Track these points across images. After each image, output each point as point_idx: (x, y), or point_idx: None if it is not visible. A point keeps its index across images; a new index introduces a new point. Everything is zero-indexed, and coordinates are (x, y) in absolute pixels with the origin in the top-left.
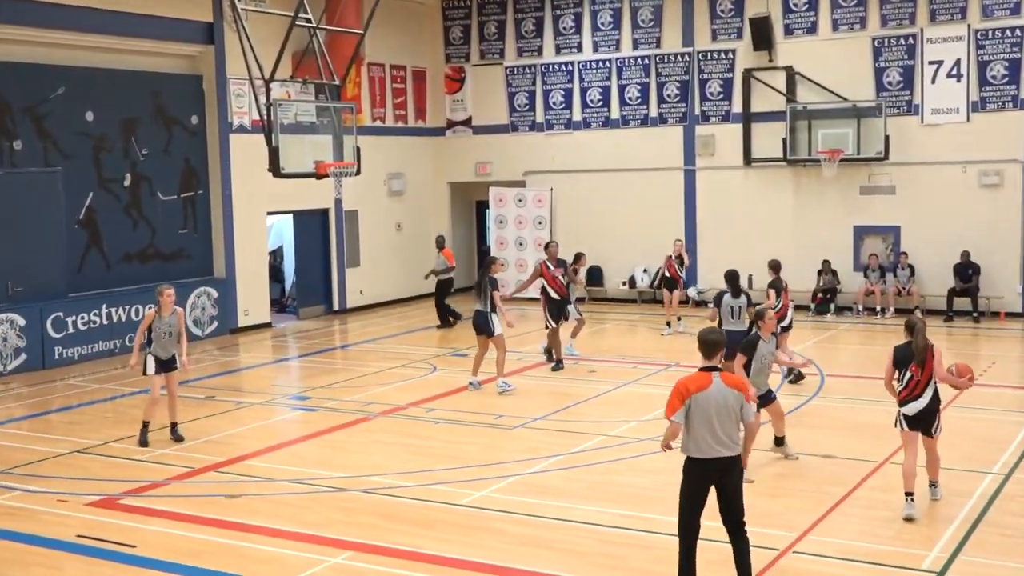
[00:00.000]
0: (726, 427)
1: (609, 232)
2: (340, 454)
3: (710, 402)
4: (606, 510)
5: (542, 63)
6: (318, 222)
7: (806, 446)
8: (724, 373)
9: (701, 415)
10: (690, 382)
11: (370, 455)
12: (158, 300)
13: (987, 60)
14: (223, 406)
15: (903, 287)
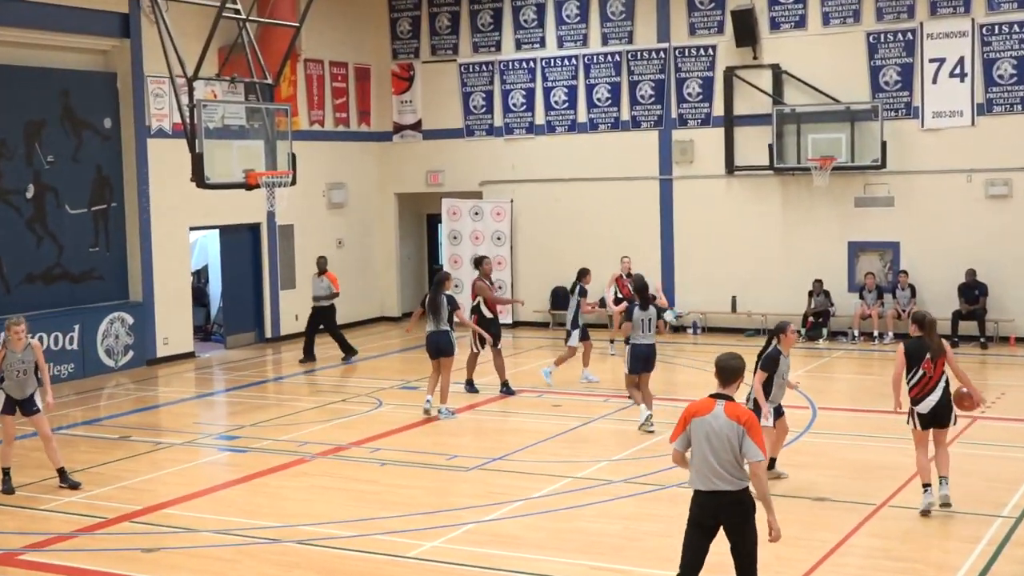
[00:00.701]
0: (721, 460)
1: (576, 249)
2: (273, 501)
3: (706, 430)
4: (574, 561)
5: (501, 60)
6: (248, 239)
7: (797, 488)
8: (731, 403)
9: (696, 443)
10: (693, 405)
11: (307, 502)
12: (6, 335)
13: (993, 58)
14: (139, 447)
15: (903, 309)
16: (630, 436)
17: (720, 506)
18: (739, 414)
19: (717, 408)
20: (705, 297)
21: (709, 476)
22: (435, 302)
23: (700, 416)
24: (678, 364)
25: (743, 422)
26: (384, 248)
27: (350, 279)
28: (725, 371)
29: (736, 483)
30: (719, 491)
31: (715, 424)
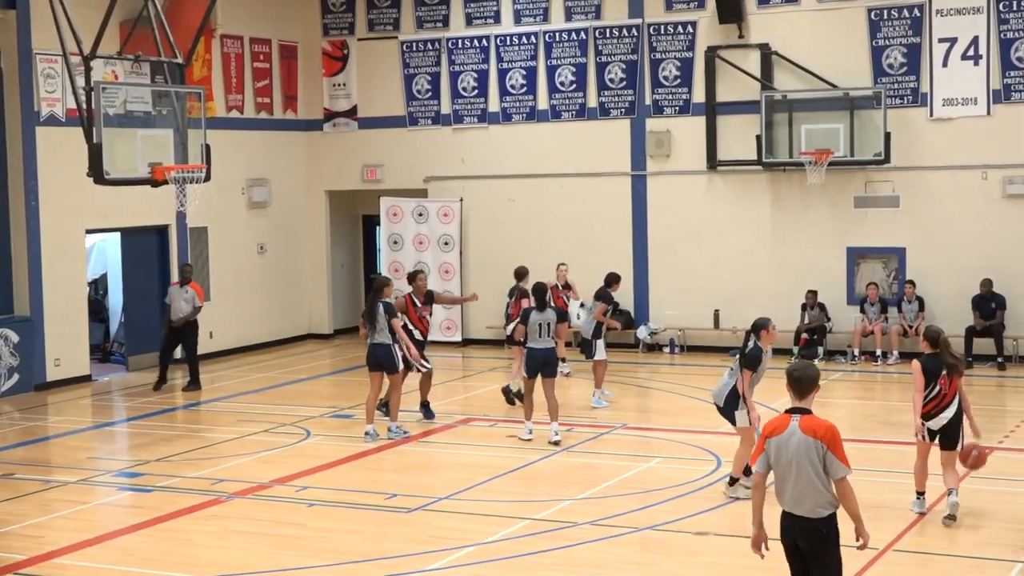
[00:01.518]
0: (801, 483)
1: (535, 256)
2: (183, 548)
3: (784, 450)
4: None
5: (448, 37)
6: (154, 243)
7: None
8: (807, 417)
9: (775, 464)
10: (770, 423)
11: (223, 549)
12: None
13: (1012, 38)
14: (26, 486)
15: (909, 325)
16: (596, 472)
17: (800, 531)
18: (815, 428)
19: (792, 424)
20: (684, 311)
21: (793, 498)
22: (371, 311)
23: (776, 435)
24: (653, 388)
25: (821, 436)
26: (313, 255)
27: (273, 290)
28: (801, 381)
29: (815, 511)
30: (799, 517)
31: (791, 443)
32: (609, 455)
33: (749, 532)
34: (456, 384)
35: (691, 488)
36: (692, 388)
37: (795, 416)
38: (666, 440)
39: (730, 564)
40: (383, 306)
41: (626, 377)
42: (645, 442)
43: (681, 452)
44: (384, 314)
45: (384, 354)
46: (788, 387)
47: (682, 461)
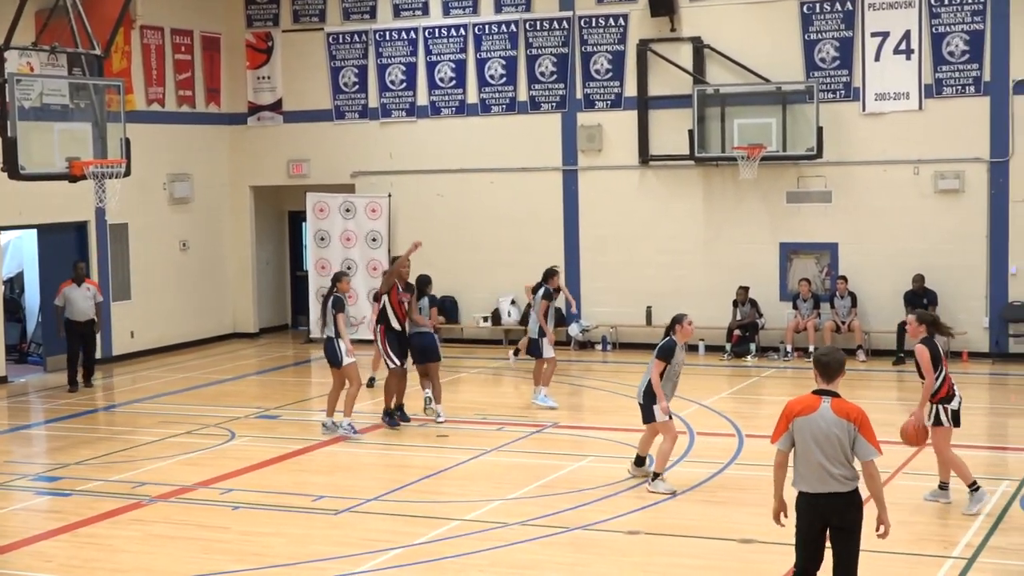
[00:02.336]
0: (831, 460)
1: (465, 252)
2: (103, 554)
3: (812, 429)
4: None
5: (376, 29)
6: (72, 240)
7: (720, 529)
8: (837, 400)
9: (801, 443)
10: (796, 403)
11: (145, 554)
12: None
13: (944, 32)
14: None
15: (842, 321)
16: (527, 471)
17: (832, 509)
18: (848, 411)
19: (823, 406)
20: (616, 308)
21: (822, 477)
22: (324, 305)
23: (805, 415)
24: (586, 386)
25: (854, 419)
26: (237, 252)
27: (196, 288)
28: (829, 366)
29: (847, 484)
30: (831, 493)
31: (823, 424)
32: (541, 454)
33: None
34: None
35: (623, 487)
36: (624, 386)
37: (825, 398)
38: (598, 439)
39: (662, 563)
40: (334, 301)
41: (558, 375)
42: (577, 441)
43: (613, 451)
44: (332, 308)
45: (328, 349)
46: (816, 371)
47: (614, 460)
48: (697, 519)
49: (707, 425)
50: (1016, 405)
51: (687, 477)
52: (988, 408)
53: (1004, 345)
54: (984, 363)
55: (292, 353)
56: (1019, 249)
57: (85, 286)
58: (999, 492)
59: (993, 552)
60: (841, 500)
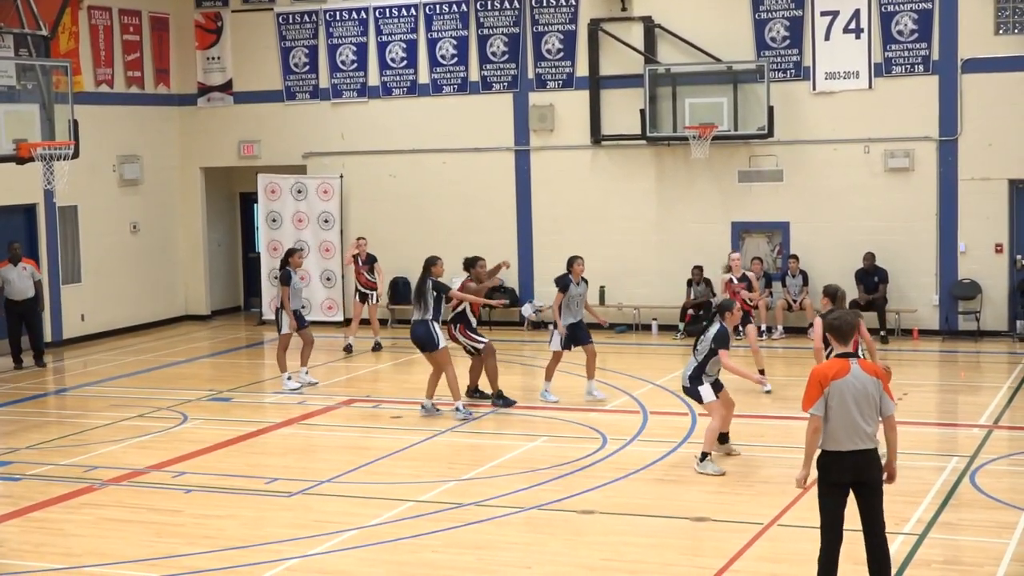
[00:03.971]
0: (867, 418)
1: (418, 232)
2: (55, 538)
3: (850, 390)
4: None
5: (326, 9)
6: (20, 223)
7: (673, 508)
8: (862, 360)
9: (840, 405)
10: (828, 368)
11: (97, 538)
12: None
13: (892, 11)
14: None
15: (794, 300)
16: (481, 452)
17: (865, 464)
18: (875, 369)
19: (854, 367)
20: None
21: (855, 437)
22: (421, 289)
23: (840, 378)
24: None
25: (880, 375)
26: (189, 233)
27: (147, 271)
28: (842, 329)
29: (873, 441)
30: (863, 450)
31: (857, 383)
32: (494, 435)
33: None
34: (339, 364)
35: (577, 467)
36: (577, 366)
37: (852, 360)
38: (551, 419)
39: (616, 543)
40: (434, 285)
41: (511, 355)
42: (530, 421)
43: (567, 431)
44: (433, 292)
45: (423, 332)
46: (831, 336)
47: (568, 440)
48: (650, 498)
49: (660, 404)
50: (965, 382)
51: (641, 456)
52: (938, 385)
53: (954, 322)
54: (934, 340)
55: (244, 335)
56: (968, 227)
57: (22, 265)
58: (948, 468)
59: (943, 528)
60: (869, 456)
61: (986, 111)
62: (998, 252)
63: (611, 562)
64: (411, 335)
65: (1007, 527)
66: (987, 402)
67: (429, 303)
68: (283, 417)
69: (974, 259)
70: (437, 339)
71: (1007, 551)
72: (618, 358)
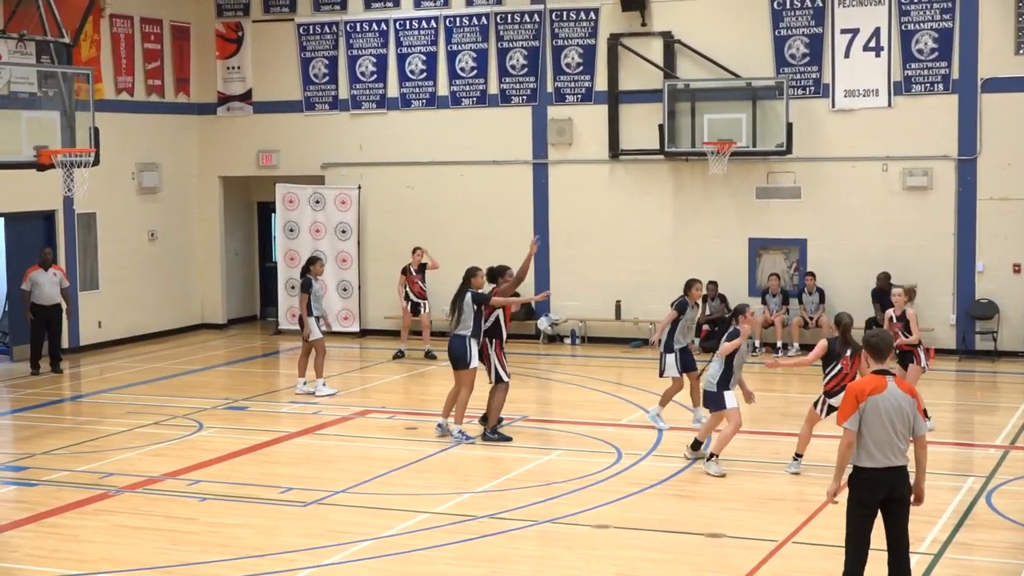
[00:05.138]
0: (901, 436)
1: (435, 245)
2: (69, 544)
3: (886, 407)
4: None
5: (346, 20)
6: (40, 229)
7: (688, 523)
8: (898, 379)
9: (875, 420)
10: (865, 384)
11: (111, 545)
12: None
13: (913, 30)
14: None
15: (810, 316)
16: (496, 465)
17: (896, 480)
18: (910, 388)
19: (891, 385)
20: (585, 302)
21: (889, 453)
22: (458, 302)
23: (877, 394)
24: (554, 380)
25: (914, 395)
26: (206, 242)
27: (164, 279)
28: (879, 347)
29: (905, 458)
30: (896, 466)
31: (893, 401)
32: (509, 448)
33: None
34: (354, 375)
35: (591, 481)
36: (593, 380)
37: (889, 377)
38: (567, 432)
39: (630, 557)
40: (474, 296)
41: (527, 368)
42: (545, 434)
43: (582, 444)
44: (472, 304)
45: (458, 346)
46: (868, 353)
47: (583, 453)
48: (665, 513)
49: (675, 420)
50: (982, 402)
51: (656, 471)
52: (954, 405)
53: (971, 342)
54: (951, 360)
55: (260, 344)
56: (986, 247)
57: (52, 271)
58: (965, 488)
59: (959, 548)
60: (902, 473)
61: (1005, 131)
62: (1016, 272)
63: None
64: (448, 348)
65: (1021, 548)
66: (1004, 422)
67: (468, 317)
68: (298, 427)
69: (992, 279)
70: (469, 358)
71: (1022, 572)
72: (634, 373)
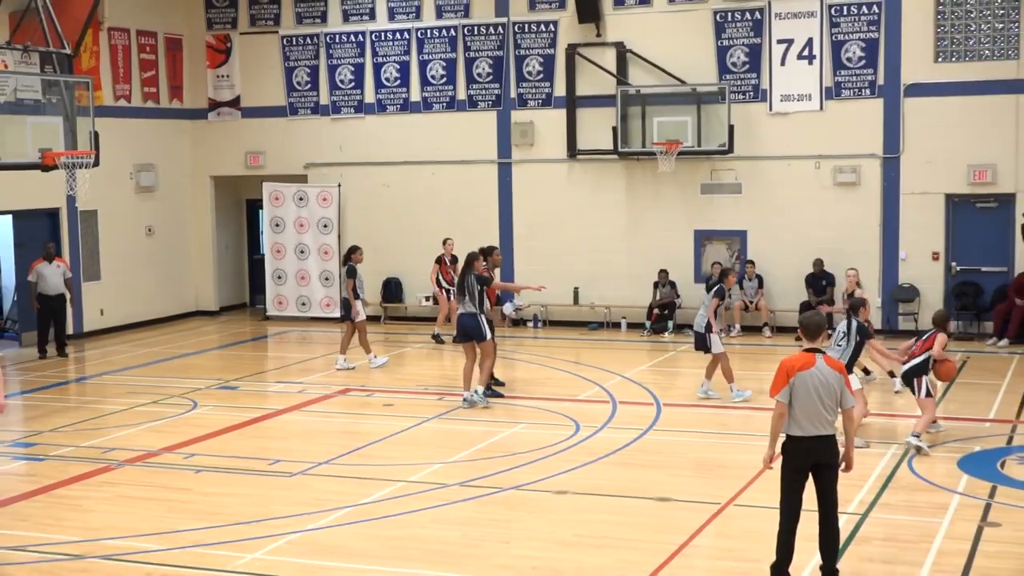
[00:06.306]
0: (828, 407)
1: (409, 237)
2: (74, 513)
3: (814, 381)
4: (407, 571)
5: (326, 32)
6: (45, 225)
7: (640, 488)
8: (827, 356)
9: (804, 393)
10: (795, 361)
11: (113, 513)
12: None
13: (842, 40)
14: None
15: (750, 301)
16: (466, 437)
17: (824, 448)
18: (838, 365)
19: (819, 361)
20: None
21: (817, 423)
22: (464, 283)
23: (805, 370)
24: (518, 360)
25: (841, 371)
26: (199, 236)
27: (161, 270)
28: (810, 327)
29: (832, 428)
30: (823, 435)
31: (821, 376)
32: (477, 421)
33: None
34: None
35: (552, 451)
36: (554, 360)
37: (818, 355)
38: (530, 407)
39: (588, 520)
40: (477, 279)
41: None
42: (511, 409)
43: (543, 418)
44: (476, 285)
45: (471, 324)
46: (801, 332)
47: (544, 426)
48: (619, 480)
49: (628, 395)
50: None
51: (610, 442)
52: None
53: (895, 322)
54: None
55: (250, 329)
56: (908, 237)
57: (55, 263)
58: (888, 454)
59: (883, 508)
60: (829, 441)
61: (926, 132)
62: (935, 260)
63: (583, 538)
64: (459, 325)
65: (941, 508)
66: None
67: (476, 297)
68: (285, 404)
69: (913, 266)
70: (485, 331)
71: (940, 529)
72: (590, 353)
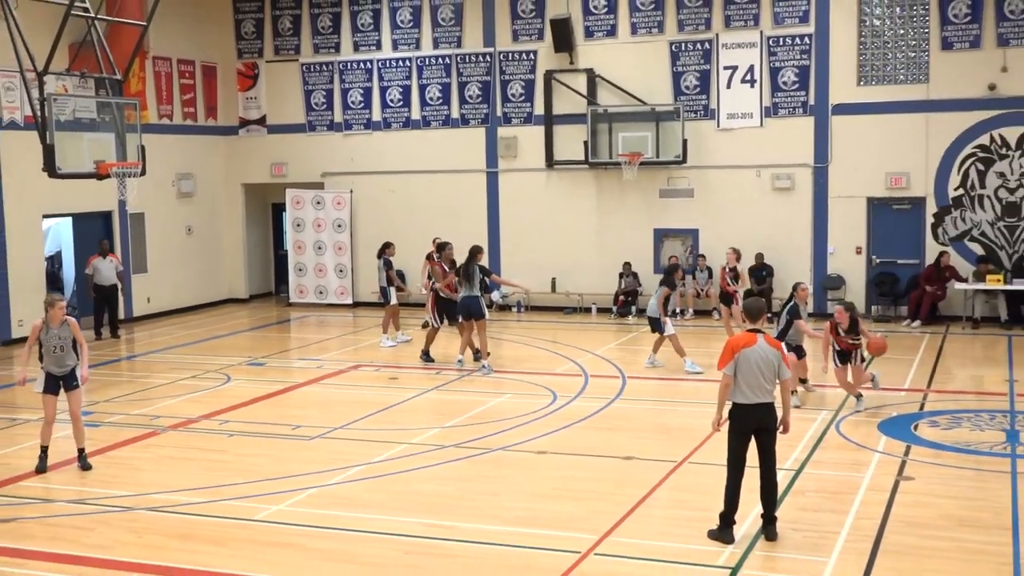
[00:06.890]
0: (767, 379)
1: (412, 235)
2: (126, 472)
3: (755, 357)
4: (409, 520)
5: (340, 60)
6: (100, 226)
7: (607, 448)
8: (766, 335)
9: (747, 367)
10: (739, 340)
11: (159, 472)
12: (47, 311)
13: (779, 67)
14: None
15: (702, 289)
16: (459, 405)
17: (764, 414)
18: (776, 344)
19: (760, 340)
20: (528, 279)
21: (758, 392)
22: (468, 271)
23: (748, 347)
24: (504, 339)
25: (778, 348)
26: (232, 235)
27: (199, 264)
28: (753, 311)
29: (772, 396)
30: (764, 403)
31: (762, 353)
32: (470, 392)
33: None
34: (348, 337)
35: (533, 417)
36: (535, 339)
37: (759, 335)
38: (514, 380)
39: (565, 476)
40: (480, 268)
41: None
42: (498, 382)
43: (526, 389)
44: (479, 273)
45: (475, 305)
46: (745, 315)
47: (526, 396)
48: (590, 442)
49: (598, 369)
50: None
51: (583, 410)
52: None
53: (823, 306)
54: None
55: (275, 314)
56: (835, 233)
57: (108, 258)
58: (819, 419)
59: (815, 465)
60: (769, 408)
61: (851, 144)
62: (858, 253)
63: (560, 491)
64: (460, 306)
65: (863, 464)
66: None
67: (476, 282)
68: (306, 378)
69: (840, 258)
70: (483, 310)
71: (863, 482)
72: (566, 334)
